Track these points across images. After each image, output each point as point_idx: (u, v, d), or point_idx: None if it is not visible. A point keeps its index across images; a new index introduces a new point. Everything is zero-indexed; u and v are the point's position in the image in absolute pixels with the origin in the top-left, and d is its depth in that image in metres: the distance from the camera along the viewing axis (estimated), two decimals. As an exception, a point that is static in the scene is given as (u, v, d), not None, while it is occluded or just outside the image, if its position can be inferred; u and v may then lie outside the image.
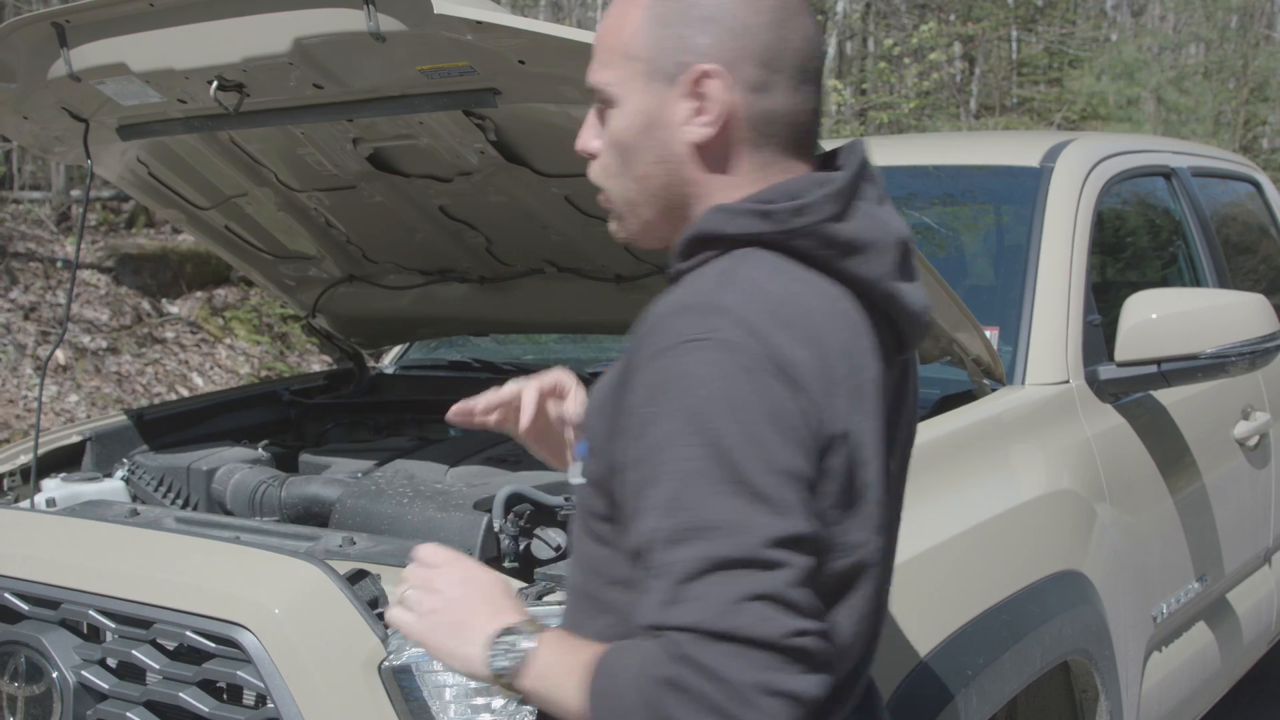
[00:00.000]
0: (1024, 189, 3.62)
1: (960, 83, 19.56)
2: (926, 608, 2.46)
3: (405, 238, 3.50)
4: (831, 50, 17.55)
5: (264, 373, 9.99)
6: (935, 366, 3.10)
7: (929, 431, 2.83)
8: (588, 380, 2.07)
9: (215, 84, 2.66)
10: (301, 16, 2.46)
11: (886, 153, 4.30)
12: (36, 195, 11.87)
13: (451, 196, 3.20)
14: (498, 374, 3.93)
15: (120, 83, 2.78)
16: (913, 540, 2.47)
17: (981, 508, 2.75)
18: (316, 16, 2.45)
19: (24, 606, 2.45)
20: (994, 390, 3.09)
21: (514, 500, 2.62)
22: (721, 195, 1.64)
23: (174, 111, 2.91)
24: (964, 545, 2.63)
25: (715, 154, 1.65)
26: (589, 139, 1.74)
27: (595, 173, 1.75)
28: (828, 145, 1.71)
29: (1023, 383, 3.17)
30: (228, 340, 10.35)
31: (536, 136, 2.83)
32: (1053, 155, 3.68)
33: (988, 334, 3.02)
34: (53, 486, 3.16)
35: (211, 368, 9.92)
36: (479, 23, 2.29)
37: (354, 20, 2.39)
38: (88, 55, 2.75)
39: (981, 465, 2.85)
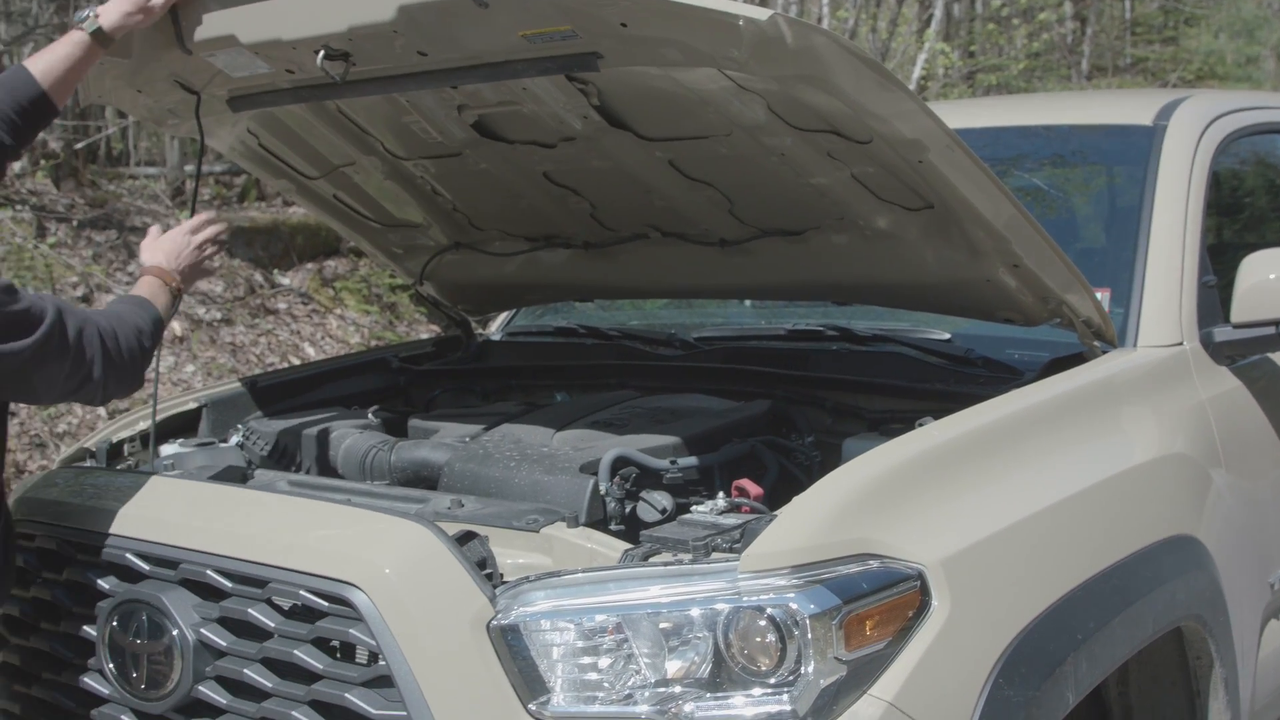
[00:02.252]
0: (1137, 148, 3.55)
1: (1071, 43, 19.20)
2: (1036, 570, 2.44)
3: (510, 204, 3.52)
4: (938, 12, 17.30)
5: (374, 342, 10.12)
6: (1045, 329, 3.07)
7: (1039, 394, 2.80)
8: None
9: (322, 53, 2.70)
10: None
11: (994, 113, 4.25)
12: (152, 171, 12.11)
13: (555, 162, 3.22)
14: (603, 339, 3.95)
15: (230, 54, 2.82)
16: (1024, 502, 2.47)
17: (1092, 471, 2.71)
18: None
19: (145, 566, 2.52)
20: (1105, 352, 3.04)
21: (620, 463, 2.64)
22: None
23: (282, 82, 2.95)
24: (1074, 508, 2.60)
25: None
26: None
27: None
28: (937, 109, 1.71)
29: (1135, 345, 3.11)
30: (338, 310, 10.49)
31: (639, 101, 2.83)
32: (1166, 113, 3.60)
33: (1099, 296, 2.98)
34: (171, 451, 3.24)
35: (322, 338, 10.06)
36: None
37: None
38: (199, 28, 2.80)
39: (1092, 428, 2.81)
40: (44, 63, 2.84)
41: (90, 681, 2.61)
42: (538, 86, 2.85)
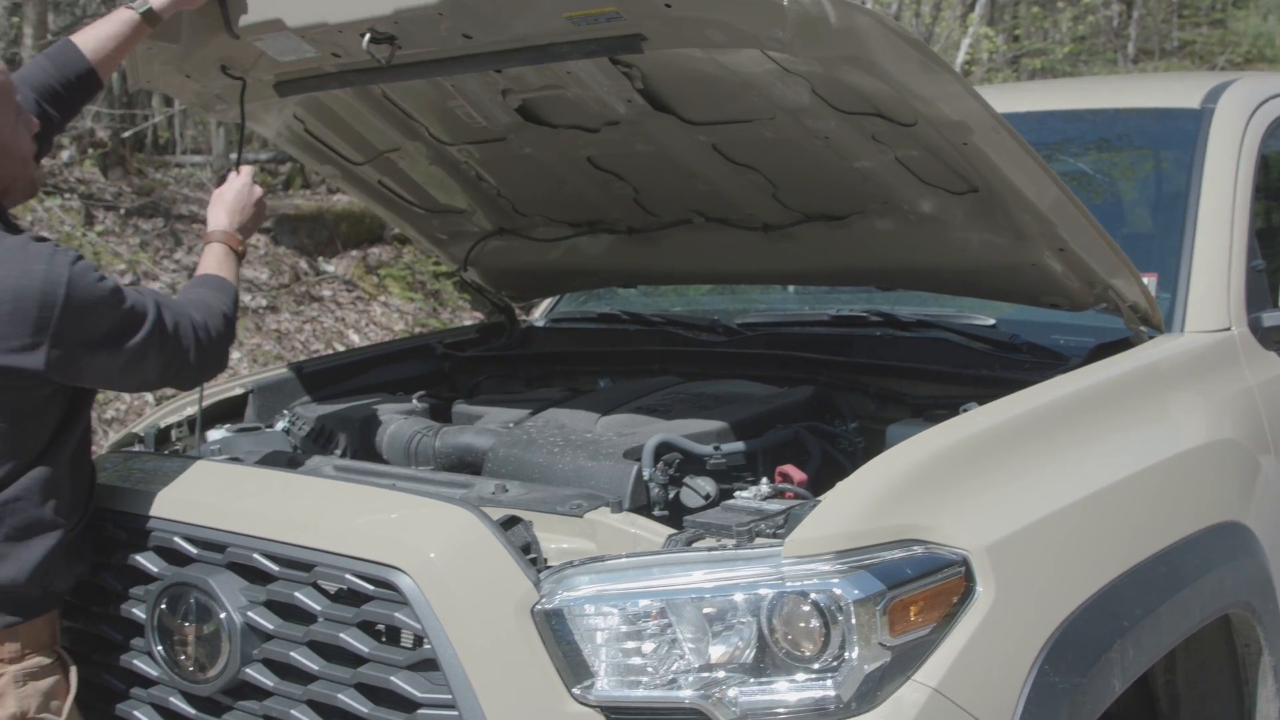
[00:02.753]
0: (1184, 132, 3.52)
1: (1117, 26, 19.03)
2: (1082, 556, 2.43)
3: (554, 189, 3.53)
4: (983, -3, 17.20)
5: (418, 329, 10.16)
6: (1091, 314, 3.05)
7: (1085, 379, 2.78)
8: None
9: (368, 37, 2.71)
10: None
11: (1039, 98, 4.22)
12: (198, 159, 12.20)
13: (599, 147, 3.22)
14: (646, 325, 3.95)
15: (276, 38, 2.84)
16: (1069, 488, 2.46)
17: (1138, 457, 2.69)
18: None
19: (193, 550, 2.55)
20: (1151, 338, 3.02)
21: (663, 449, 2.65)
22: None
23: (328, 66, 2.97)
24: (1120, 494, 2.59)
25: None
26: None
27: None
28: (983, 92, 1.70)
29: (1182, 330, 3.09)
30: (382, 298, 10.54)
31: (683, 84, 2.82)
32: (1214, 96, 3.57)
33: (1145, 281, 2.96)
34: (218, 436, 3.26)
35: (367, 325, 10.11)
36: None
37: None
38: (245, 12, 2.82)
39: (1138, 414, 2.79)
40: (91, 38, 2.90)
41: (139, 663, 2.64)
42: (582, 70, 2.86)
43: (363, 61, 2.85)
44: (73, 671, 2.64)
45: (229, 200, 3.00)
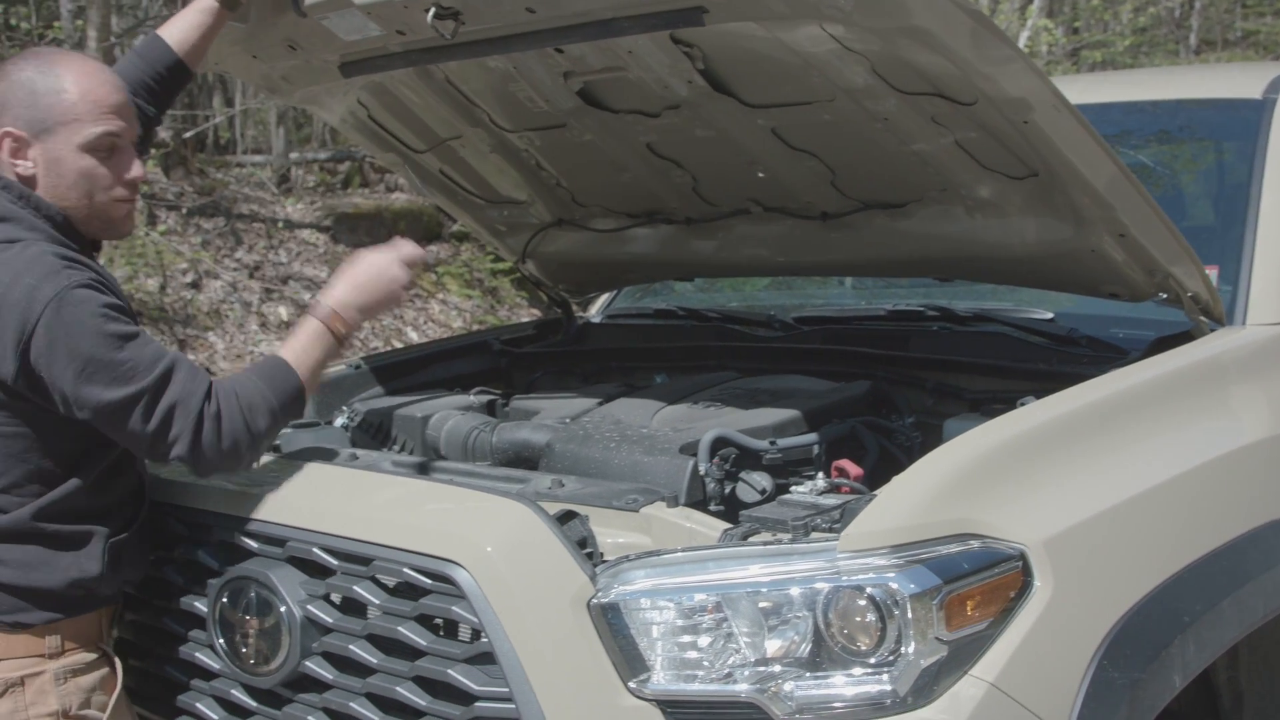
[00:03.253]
0: (1245, 122, 3.48)
1: (1179, 17, 18.81)
2: (1141, 551, 2.41)
3: (613, 178, 3.53)
4: (1043, -11, 17.05)
5: (475, 326, 10.21)
6: (1150, 307, 3.02)
7: (1144, 372, 2.76)
8: None
9: (432, 12, 2.73)
10: None
11: (1099, 89, 4.18)
12: (258, 159, 12.32)
13: (659, 133, 3.22)
14: (703, 321, 3.95)
15: (343, 16, 2.87)
16: (1128, 483, 2.44)
17: (1199, 451, 2.67)
18: None
19: (253, 544, 2.57)
20: (1213, 330, 2.99)
21: (719, 444, 2.65)
22: None
23: (393, 45, 2.99)
24: (1181, 489, 2.56)
25: None
26: None
27: None
28: None
29: (1243, 323, 3.05)
30: (440, 295, 10.60)
31: (743, 64, 2.82)
32: (1276, 86, 3.52)
33: (1206, 273, 2.93)
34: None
35: (425, 322, 10.17)
36: None
37: None
38: None
39: (1199, 407, 2.76)
40: (176, 30, 2.97)
41: (201, 656, 2.67)
42: (643, 50, 2.86)
43: (427, 39, 2.87)
44: (119, 667, 2.64)
45: (359, 271, 2.75)
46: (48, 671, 2.53)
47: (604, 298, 4.51)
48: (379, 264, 2.75)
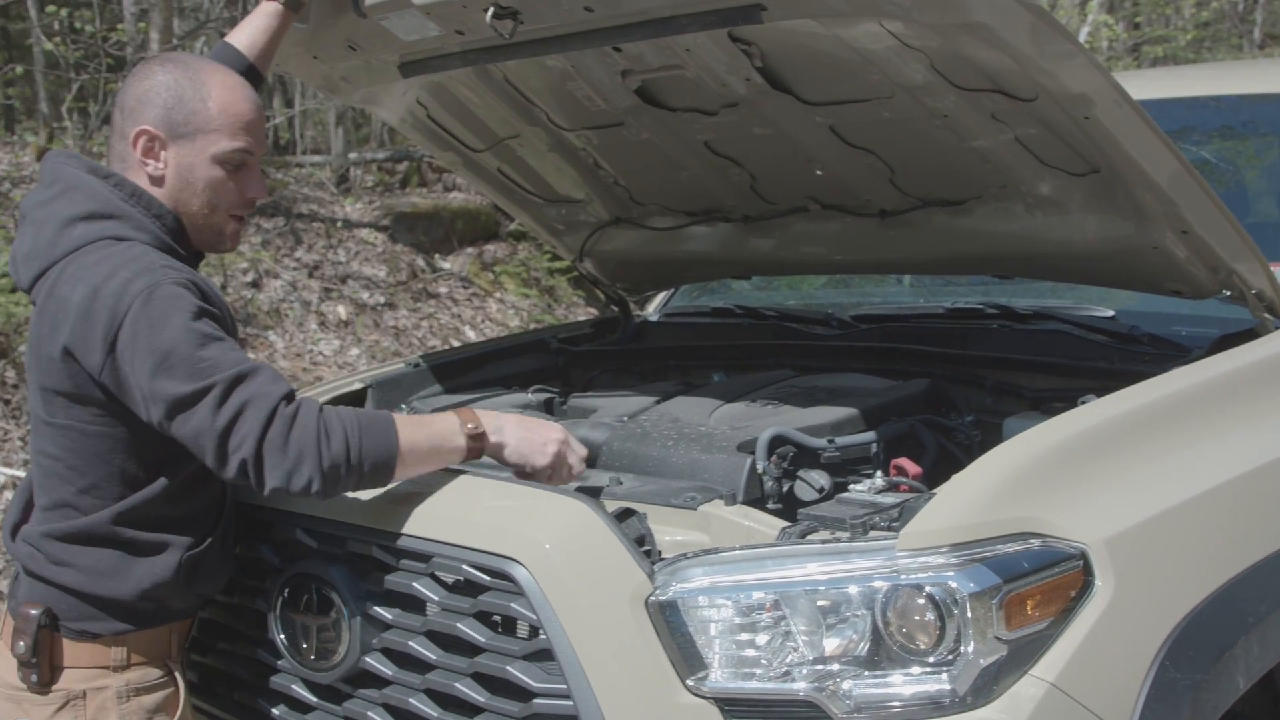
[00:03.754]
0: (1311, 117, 3.44)
1: (1243, 12, 18.56)
2: (1204, 551, 2.38)
3: (670, 177, 3.54)
4: (1103, -16, 16.90)
5: (532, 325, 10.24)
6: (1213, 305, 2.98)
7: (1207, 370, 2.73)
8: None
9: (491, 11, 2.74)
10: None
11: (1160, 85, 4.15)
12: (317, 159, 12.40)
13: (717, 131, 3.22)
14: (760, 319, 3.95)
15: (402, 16, 2.89)
16: (1191, 482, 2.41)
17: (1264, 450, 2.63)
18: None
19: (313, 542, 2.59)
20: (1278, 328, 2.95)
21: (777, 442, 2.64)
22: None
23: (452, 45, 3.00)
24: (1245, 488, 2.53)
25: None
26: None
27: None
28: None
29: (1311, 320, 3.01)
30: (497, 294, 10.64)
31: (801, 61, 2.81)
32: (1342, 81, 3.48)
33: (1271, 270, 2.89)
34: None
35: (482, 321, 10.21)
36: None
37: None
38: None
39: (1264, 406, 2.73)
40: (246, 35, 2.99)
41: (262, 652, 2.69)
42: (701, 48, 2.86)
43: (486, 39, 2.88)
44: (182, 689, 2.60)
45: (532, 423, 2.61)
46: (111, 688, 2.50)
47: (661, 296, 4.51)
48: (551, 431, 2.59)
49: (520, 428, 2.56)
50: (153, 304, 2.33)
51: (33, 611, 2.48)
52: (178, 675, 2.60)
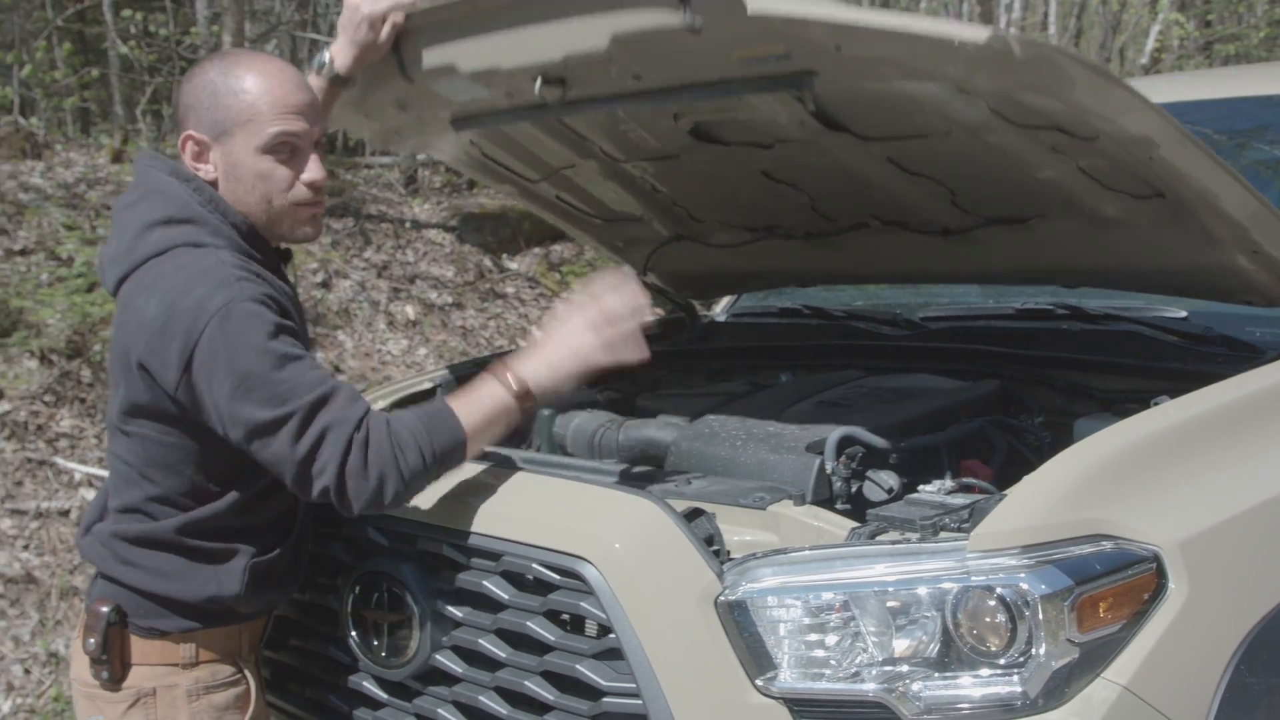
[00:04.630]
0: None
1: (1318, 8, 18.29)
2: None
3: (729, 199, 3.53)
4: (1174, -19, 16.70)
5: (599, 325, 10.23)
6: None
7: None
8: None
9: (539, 80, 2.74)
10: (618, 16, 2.50)
11: (1232, 83, 4.09)
12: (386, 160, 12.48)
13: (773, 161, 3.21)
14: (828, 319, 3.94)
15: (451, 81, 2.90)
16: (1267, 484, 2.39)
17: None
18: (633, 16, 2.48)
19: (384, 540, 2.62)
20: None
21: (846, 443, 2.63)
22: None
23: (501, 104, 3.01)
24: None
25: None
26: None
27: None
28: (1157, 80, 1.65)
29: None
30: (564, 294, 10.67)
31: (856, 105, 2.79)
32: None
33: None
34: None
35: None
36: (792, 19, 2.27)
37: (669, 17, 2.40)
38: (420, 59, 2.88)
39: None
40: None
41: (334, 649, 2.72)
42: (753, 96, 2.85)
43: (535, 100, 2.89)
44: (253, 688, 2.60)
45: (570, 336, 2.56)
46: (180, 686, 2.51)
47: (728, 297, 4.51)
48: (579, 323, 2.56)
49: (554, 352, 2.53)
50: (230, 323, 2.30)
51: (103, 609, 2.50)
52: (248, 674, 2.61)
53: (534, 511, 2.45)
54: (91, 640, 2.50)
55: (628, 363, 2.59)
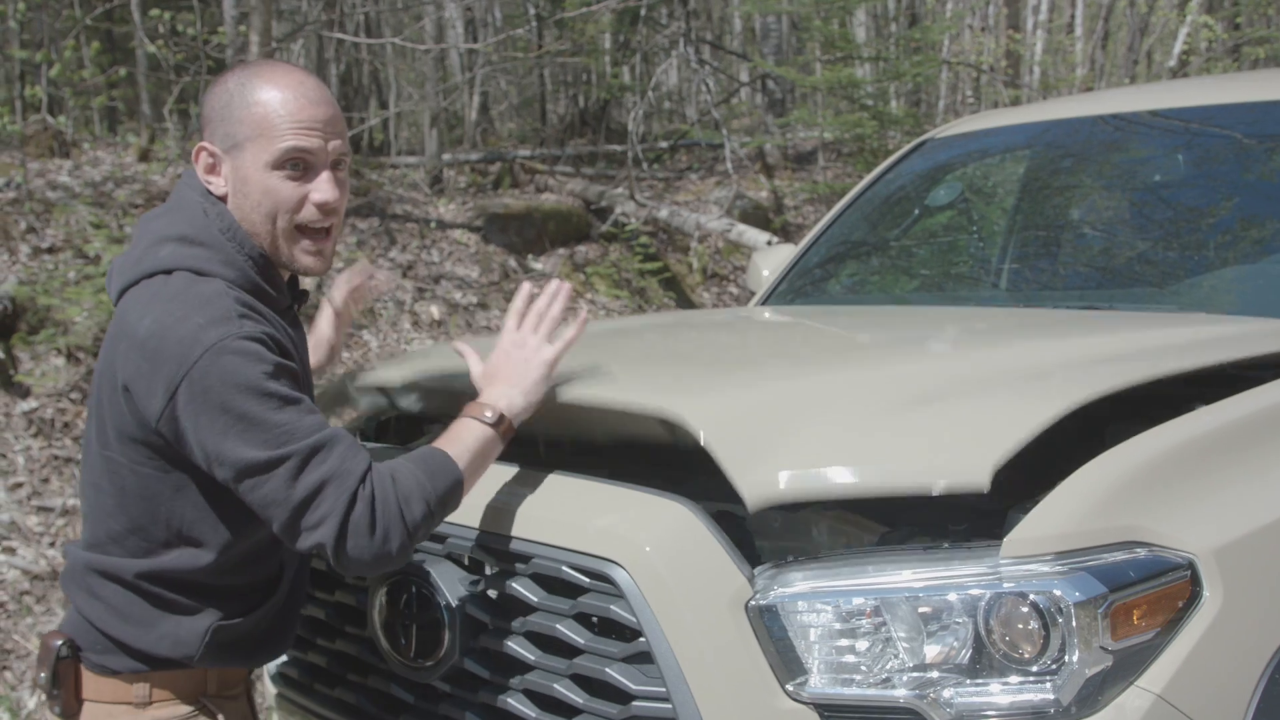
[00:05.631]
0: None
1: (1348, 11, 18.18)
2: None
3: None
4: (1203, -17, 16.61)
5: (623, 326, 10.23)
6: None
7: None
8: None
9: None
10: None
11: (1262, 87, 4.06)
12: (411, 160, 12.52)
13: None
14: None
15: None
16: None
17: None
18: None
19: (413, 541, 2.61)
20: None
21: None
22: None
23: None
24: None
25: None
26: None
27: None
28: (1185, 84, 1.60)
29: None
30: (589, 295, 10.67)
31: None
32: None
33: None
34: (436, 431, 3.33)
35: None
36: None
37: None
38: None
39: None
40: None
41: (362, 650, 2.72)
42: None
43: None
44: None
45: (502, 364, 2.54)
46: None
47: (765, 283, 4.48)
48: (524, 358, 2.52)
49: (514, 373, 2.50)
50: (224, 358, 2.16)
51: (55, 642, 2.40)
52: (218, 711, 2.45)
53: (564, 513, 2.43)
54: (43, 673, 2.40)
55: (572, 340, 2.56)
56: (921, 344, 3.13)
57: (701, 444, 2.25)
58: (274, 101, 2.35)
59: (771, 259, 4.83)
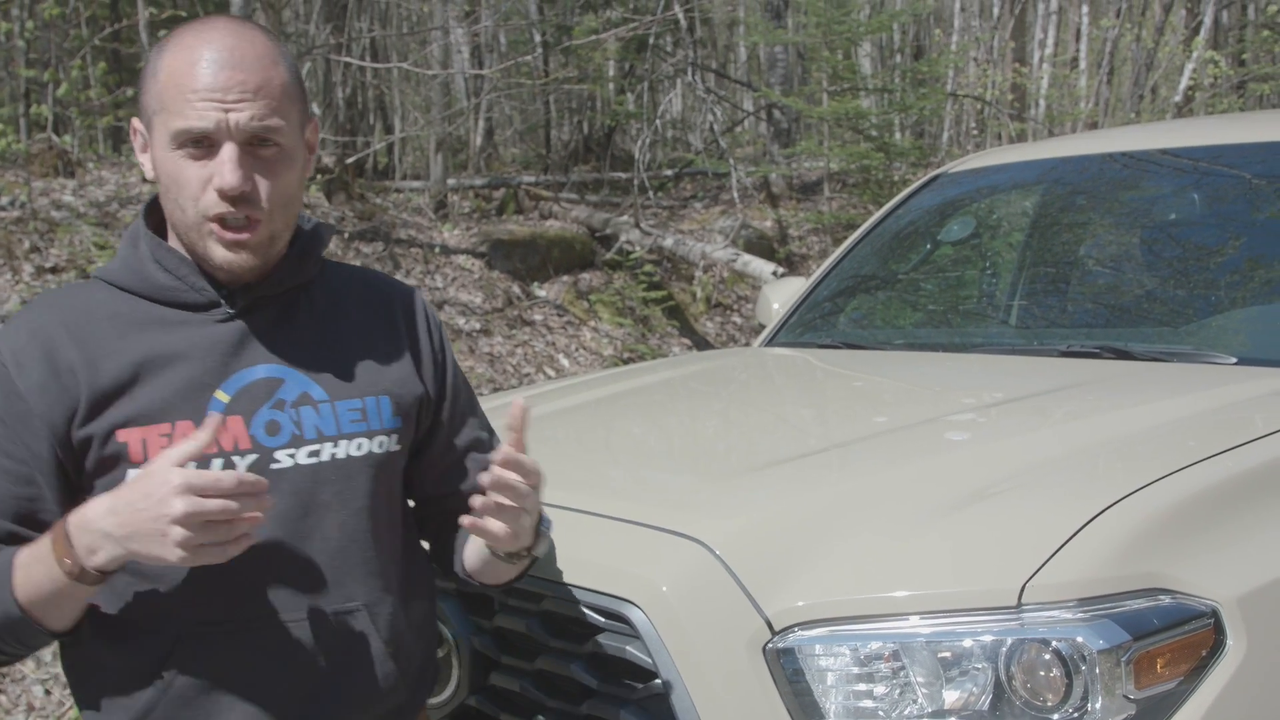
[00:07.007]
0: None
1: (1353, 49, 18.23)
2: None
3: None
4: (1207, 20, 16.66)
5: (626, 354, 10.23)
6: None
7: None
8: None
9: None
10: None
11: (1273, 127, 4.05)
12: (416, 184, 12.53)
13: None
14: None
15: None
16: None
17: None
18: None
19: (424, 575, 2.58)
20: None
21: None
22: None
23: None
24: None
25: None
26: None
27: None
28: (1195, 123, 1.59)
29: None
30: (592, 322, 10.65)
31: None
32: None
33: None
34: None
35: (576, 349, 10.22)
36: None
37: None
38: None
39: None
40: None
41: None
42: None
43: None
44: None
45: (126, 493, 1.78)
46: None
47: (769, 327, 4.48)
48: (153, 488, 1.74)
49: (113, 517, 1.77)
50: None
51: None
52: None
53: (579, 551, 2.39)
54: None
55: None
56: (941, 432, 2.92)
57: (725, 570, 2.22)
58: (172, 69, 1.93)
59: (782, 292, 4.80)
